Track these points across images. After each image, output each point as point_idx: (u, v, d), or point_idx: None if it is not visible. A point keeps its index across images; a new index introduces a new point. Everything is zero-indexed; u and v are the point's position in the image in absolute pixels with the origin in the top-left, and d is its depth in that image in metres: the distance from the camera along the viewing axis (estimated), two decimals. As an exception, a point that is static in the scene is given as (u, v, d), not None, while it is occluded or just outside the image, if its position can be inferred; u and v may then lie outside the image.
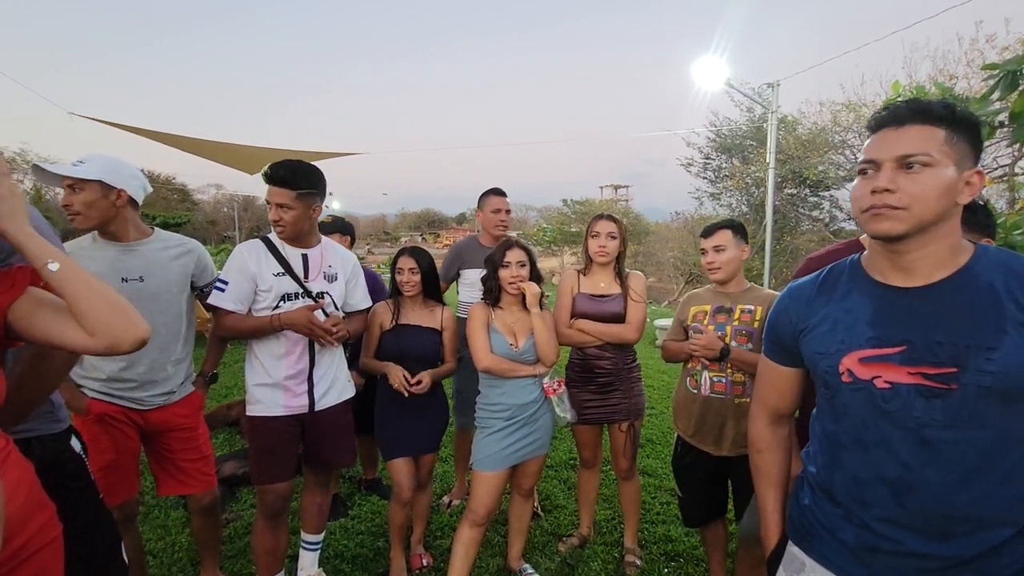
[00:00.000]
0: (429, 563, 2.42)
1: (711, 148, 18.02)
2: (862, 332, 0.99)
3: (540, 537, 2.70)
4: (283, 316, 1.89)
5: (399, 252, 2.38)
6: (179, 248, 1.97)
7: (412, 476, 2.27)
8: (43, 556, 1.03)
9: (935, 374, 0.90)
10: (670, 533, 2.75)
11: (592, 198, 33.01)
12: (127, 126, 7.66)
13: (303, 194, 1.89)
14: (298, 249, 2.00)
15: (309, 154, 9.04)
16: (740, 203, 17.80)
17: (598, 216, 2.45)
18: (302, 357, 1.98)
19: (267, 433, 1.96)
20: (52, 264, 0.99)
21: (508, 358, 2.11)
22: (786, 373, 1.18)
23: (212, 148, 7.70)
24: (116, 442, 1.85)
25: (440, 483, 3.30)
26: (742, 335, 2.01)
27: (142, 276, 1.85)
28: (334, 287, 2.05)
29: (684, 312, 2.18)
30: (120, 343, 1.02)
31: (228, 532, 2.66)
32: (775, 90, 9.20)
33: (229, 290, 1.90)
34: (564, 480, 3.38)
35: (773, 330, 1.18)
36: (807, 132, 14.40)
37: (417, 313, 2.34)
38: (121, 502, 1.89)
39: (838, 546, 1.03)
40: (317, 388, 2.01)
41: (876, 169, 0.95)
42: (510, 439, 2.09)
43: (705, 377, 2.05)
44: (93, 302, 1.00)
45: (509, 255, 2.13)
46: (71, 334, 1.00)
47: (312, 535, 2.23)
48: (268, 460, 1.97)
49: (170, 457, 1.99)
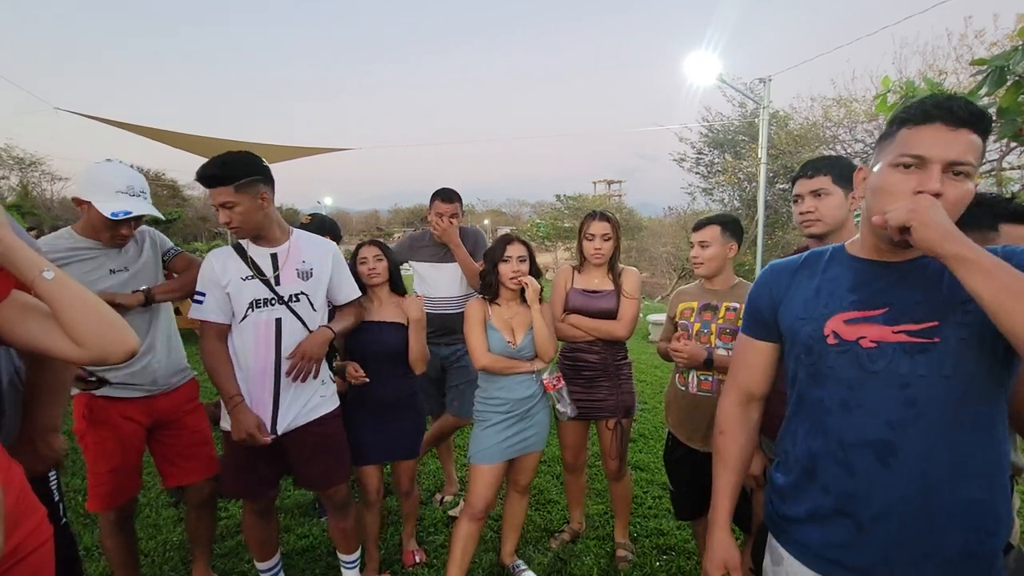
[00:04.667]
0: (422, 559, 2.42)
1: (703, 143, 18.07)
2: (845, 296, 1.02)
3: (533, 533, 2.71)
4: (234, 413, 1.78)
5: (357, 247, 2.30)
6: (140, 235, 2.00)
7: (379, 478, 2.24)
8: (36, 558, 1.03)
9: (918, 330, 0.92)
10: (662, 527, 2.77)
11: (585, 194, 33.00)
12: (114, 121, 7.56)
13: (242, 185, 1.74)
14: (265, 248, 1.88)
15: (299, 150, 8.97)
16: (732, 198, 17.88)
17: (591, 216, 2.41)
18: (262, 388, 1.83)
19: (235, 448, 1.85)
20: (47, 272, 0.98)
21: (506, 355, 2.10)
22: (761, 348, 1.18)
23: (200, 144, 7.63)
24: (123, 442, 1.88)
25: (432, 480, 3.30)
26: (726, 333, 2.01)
27: (126, 266, 1.91)
28: (310, 284, 1.91)
29: (673, 309, 2.19)
30: (109, 355, 1.01)
31: (219, 531, 2.65)
32: (767, 85, 9.22)
33: (207, 301, 1.84)
34: (557, 475, 3.39)
35: (753, 304, 1.19)
36: (799, 127, 14.46)
37: (384, 308, 2.25)
38: (124, 502, 1.93)
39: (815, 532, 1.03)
40: (281, 414, 1.84)
41: (922, 167, 0.90)
42: (507, 432, 2.09)
43: (693, 375, 2.05)
44: (83, 313, 0.99)
45: (510, 250, 2.11)
46: (59, 344, 0.99)
47: (347, 555, 2.17)
48: (234, 475, 1.93)
49: (172, 446, 2.02)
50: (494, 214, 54.00)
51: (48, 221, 16.25)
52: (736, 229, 2.07)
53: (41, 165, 23.95)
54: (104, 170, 1.80)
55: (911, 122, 0.92)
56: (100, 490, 1.86)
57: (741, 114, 15.76)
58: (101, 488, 1.86)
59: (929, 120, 0.90)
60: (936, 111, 0.90)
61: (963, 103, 0.90)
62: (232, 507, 2.83)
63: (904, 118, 0.94)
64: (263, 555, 2.08)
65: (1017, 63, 2.28)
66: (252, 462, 1.89)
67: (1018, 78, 2.32)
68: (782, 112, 14.66)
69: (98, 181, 1.77)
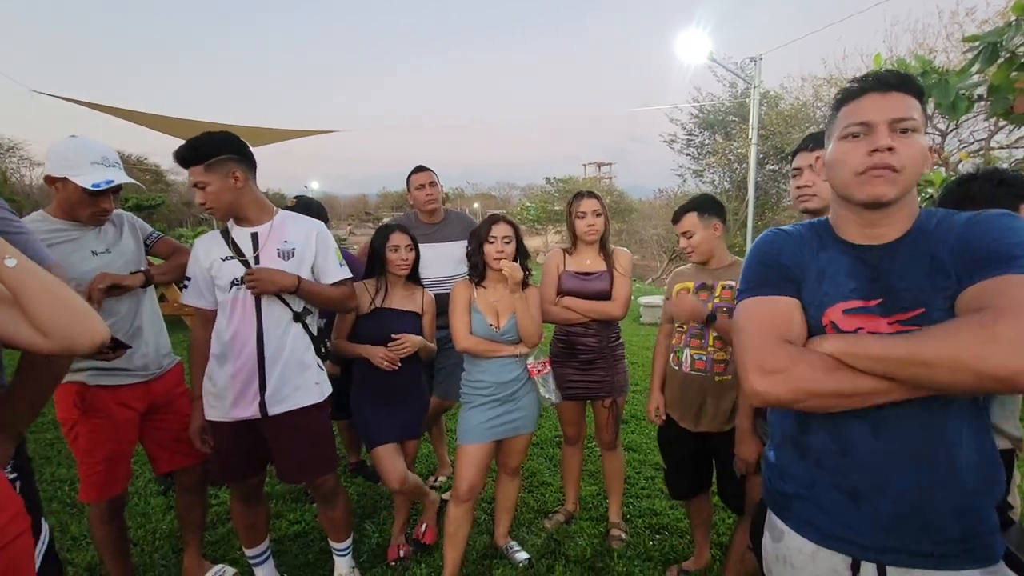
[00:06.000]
0: (407, 554, 2.37)
1: (694, 124, 18.00)
2: (844, 284, 1.00)
3: (526, 514, 2.72)
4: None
5: (386, 228, 2.27)
6: (119, 219, 1.98)
7: (399, 461, 2.21)
8: (15, 548, 1.02)
9: (908, 318, 0.93)
10: (654, 507, 2.80)
11: (575, 176, 32.86)
12: (93, 103, 7.35)
13: (212, 164, 1.72)
14: (246, 228, 1.86)
15: (286, 132, 8.80)
16: (723, 180, 17.89)
17: (579, 195, 2.41)
18: (247, 364, 1.81)
19: (217, 436, 1.88)
20: (9, 260, 0.95)
21: (488, 338, 2.08)
22: (793, 302, 1.03)
23: (183, 126, 7.44)
24: (117, 431, 1.87)
25: (425, 463, 3.30)
26: (723, 312, 2.00)
27: (108, 248, 1.88)
28: (291, 264, 1.86)
29: (670, 290, 2.18)
30: (76, 345, 0.98)
31: (210, 517, 2.63)
32: (757, 65, 9.16)
33: (191, 286, 1.88)
34: (550, 457, 3.41)
35: (776, 263, 1.07)
36: (789, 108, 14.45)
37: (398, 295, 2.26)
38: (118, 493, 1.92)
39: (813, 506, 1.03)
40: (269, 394, 1.82)
41: (869, 132, 0.95)
42: (491, 413, 2.08)
43: (687, 355, 2.05)
44: (48, 302, 0.96)
45: (495, 230, 2.08)
46: (24, 333, 0.96)
47: (337, 543, 2.15)
48: (220, 462, 1.92)
49: (166, 430, 2.01)
50: (484, 197, 53.65)
51: (28, 207, 15.89)
52: (713, 206, 2.05)
53: (19, 150, 23.38)
54: (75, 144, 1.74)
55: (848, 99, 1.00)
56: (93, 480, 1.84)
57: (732, 94, 15.69)
58: (94, 479, 1.84)
59: (862, 93, 0.98)
60: (866, 83, 0.98)
61: (888, 71, 0.98)
62: (223, 494, 2.81)
63: (841, 98, 1.02)
64: (251, 541, 2.06)
65: (1010, 39, 2.26)
66: (237, 447, 1.88)
67: (1010, 54, 2.30)
68: (773, 92, 14.62)
69: (71, 156, 1.71)
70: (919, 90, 0.96)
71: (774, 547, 1.13)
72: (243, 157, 1.79)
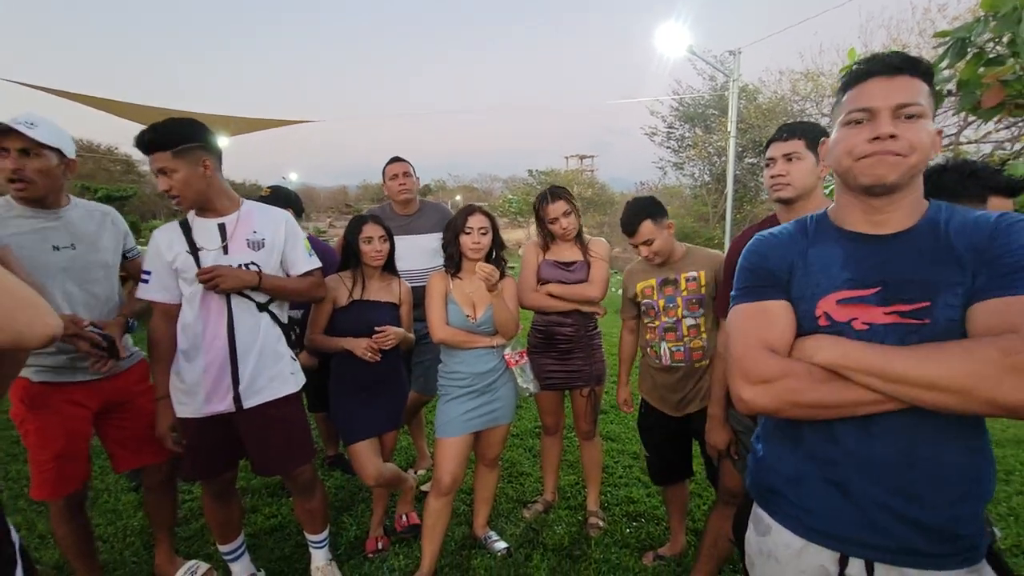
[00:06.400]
0: (385, 546, 2.36)
1: (674, 117, 18.15)
2: (837, 275, 0.98)
3: (505, 504, 2.73)
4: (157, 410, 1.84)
5: (359, 220, 2.23)
6: (99, 213, 1.91)
7: (376, 458, 2.19)
8: None
9: (910, 311, 0.91)
10: (632, 495, 2.83)
11: (557, 168, 32.91)
12: (58, 91, 7.08)
13: (180, 151, 1.66)
14: (212, 219, 1.80)
15: (262, 122, 8.60)
16: (703, 173, 18.10)
17: (544, 198, 2.40)
18: (218, 357, 1.77)
19: (189, 431, 1.83)
20: None
21: (465, 329, 2.07)
22: (785, 305, 1.02)
23: (154, 115, 7.22)
24: (67, 428, 1.79)
25: (404, 456, 3.29)
26: (693, 303, 2.05)
27: (73, 244, 1.79)
28: (261, 255, 1.82)
29: (631, 288, 2.20)
30: (24, 338, 0.90)
31: (183, 513, 2.58)
32: (736, 58, 9.24)
33: (152, 280, 1.79)
34: (529, 448, 3.43)
35: (761, 268, 1.07)
36: (767, 101, 14.62)
37: (375, 287, 2.23)
38: (72, 491, 1.84)
39: (802, 500, 1.01)
40: (243, 386, 1.78)
41: (872, 118, 0.93)
42: (468, 405, 2.08)
43: (664, 348, 2.07)
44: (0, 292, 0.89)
45: (471, 221, 2.06)
46: None
47: (314, 535, 2.12)
48: (191, 458, 1.87)
49: (128, 428, 1.94)
50: (466, 189, 53.36)
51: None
52: (659, 207, 2.05)
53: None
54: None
55: (852, 84, 0.97)
56: (44, 477, 1.77)
57: (711, 87, 15.85)
58: (45, 476, 1.77)
59: (868, 76, 0.95)
60: (871, 66, 0.95)
61: (894, 53, 0.95)
62: (196, 489, 2.76)
63: (846, 82, 0.99)
64: (225, 537, 2.03)
65: (979, 35, 2.31)
66: (207, 443, 1.84)
67: (979, 50, 2.35)
68: (751, 86, 14.78)
69: None
70: (928, 72, 0.93)
71: (759, 541, 1.11)
72: (211, 146, 1.74)
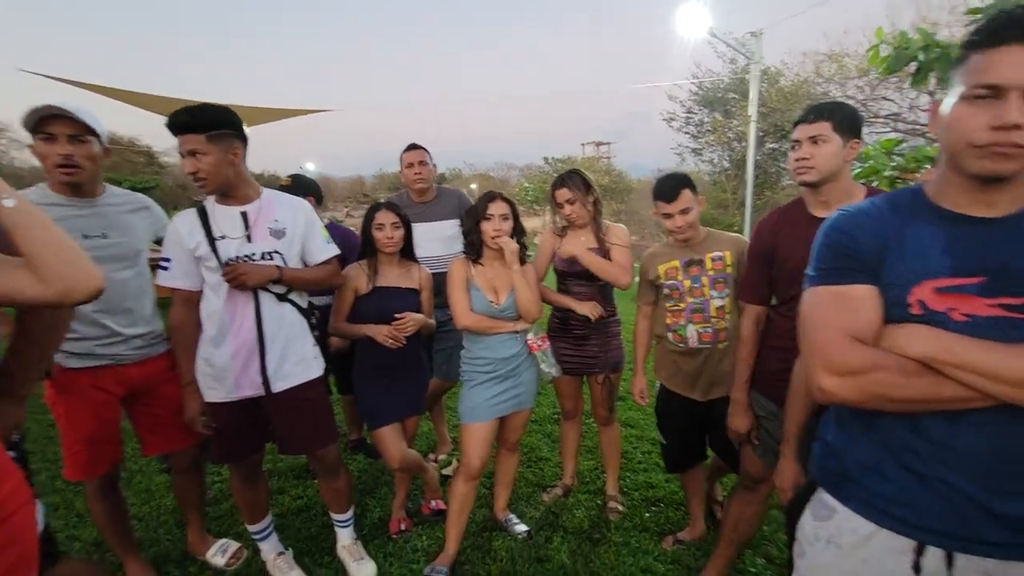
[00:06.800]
0: (408, 527, 2.42)
1: (693, 102, 17.81)
2: (938, 260, 0.88)
3: (525, 488, 2.77)
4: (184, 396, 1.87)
5: (374, 207, 2.26)
6: (135, 203, 1.93)
7: (400, 442, 2.23)
8: (16, 520, 1.02)
9: (1018, 304, 0.83)
10: (651, 480, 2.84)
11: (574, 156, 32.61)
12: (82, 83, 7.22)
13: (214, 136, 1.68)
14: (234, 207, 1.81)
15: (280, 112, 8.67)
16: (722, 159, 17.79)
17: (555, 183, 2.42)
18: (246, 342, 1.80)
19: (218, 416, 1.87)
20: (8, 200, 0.94)
21: (488, 315, 2.08)
22: (873, 290, 0.93)
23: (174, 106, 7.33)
24: (96, 412, 1.83)
25: (425, 441, 3.34)
26: (719, 283, 2.03)
27: (104, 232, 1.80)
28: (283, 243, 1.85)
29: (652, 271, 2.16)
30: (73, 291, 0.96)
31: (213, 493, 2.67)
32: (758, 40, 9.01)
33: (172, 267, 1.80)
34: (548, 434, 3.45)
35: (848, 247, 0.96)
36: (790, 84, 14.27)
37: (394, 273, 2.25)
38: (104, 472, 1.89)
39: (877, 486, 0.94)
40: (271, 371, 1.83)
41: (998, 96, 0.79)
42: (493, 390, 2.10)
43: (691, 330, 2.06)
44: (47, 243, 0.95)
45: (492, 207, 2.07)
46: (20, 283, 0.94)
47: (340, 515, 2.19)
48: (220, 441, 1.91)
49: (156, 414, 1.97)
50: (481, 178, 53.20)
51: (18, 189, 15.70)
52: (693, 182, 2.08)
53: (7, 132, 23.04)
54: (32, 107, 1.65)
55: (980, 45, 0.81)
56: (76, 459, 1.83)
57: (732, 71, 15.48)
58: (77, 457, 1.83)
59: (1000, 41, 0.78)
60: (1007, 30, 0.78)
61: None
62: (224, 471, 2.84)
63: (972, 41, 0.82)
64: (253, 518, 2.09)
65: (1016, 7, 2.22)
66: (236, 427, 1.89)
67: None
68: (773, 68, 14.43)
69: (27, 115, 1.64)
70: None
71: (816, 526, 1.04)
72: (241, 134, 1.77)
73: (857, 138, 1.57)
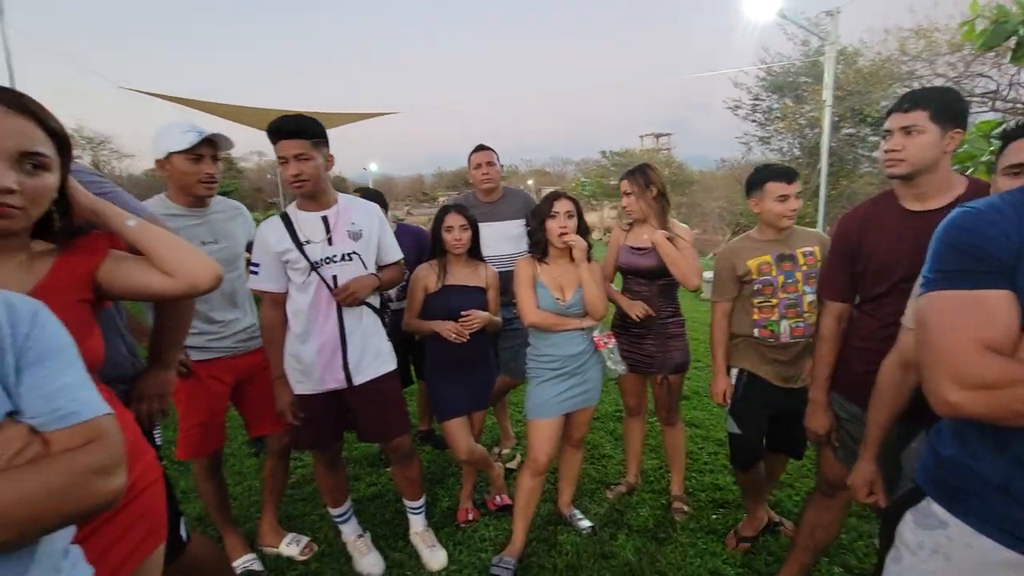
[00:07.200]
0: (475, 518, 2.51)
1: (761, 88, 16.92)
2: None
3: (588, 485, 2.79)
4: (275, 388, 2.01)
5: (443, 210, 2.35)
6: (233, 210, 2.12)
7: (467, 434, 2.33)
8: (149, 495, 1.16)
9: None
10: (718, 482, 2.78)
11: (632, 148, 31.90)
12: (173, 97, 7.90)
13: (317, 142, 1.84)
14: (316, 212, 1.95)
15: (347, 116, 9.08)
16: (792, 147, 16.83)
17: (623, 175, 2.49)
18: (330, 339, 1.95)
19: (305, 407, 2.02)
20: (131, 221, 1.13)
21: (555, 312, 2.12)
22: (1009, 296, 0.85)
23: (251, 114, 7.86)
24: (210, 400, 2.05)
25: (489, 435, 3.42)
26: (812, 278, 2.00)
27: (216, 239, 1.99)
28: (361, 244, 1.98)
29: (740, 266, 2.08)
30: (199, 280, 1.14)
31: (296, 478, 2.88)
32: (834, 19, 8.44)
33: (262, 272, 1.94)
34: (611, 431, 3.45)
35: (977, 248, 0.87)
36: (869, 64, 13.26)
37: (462, 272, 2.33)
38: (211, 452, 2.12)
39: (1003, 506, 0.87)
40: (352, 365, 1.98)
41: None
42: (561, 387, 2.14)
43: (784, 326, 2.04)
44: (168, 247, 1.13)
45: (557, 205, 2.11)
46: (156, 280, 1.12)
47: (412, 502, 2.31)
48: (307, 430, 2.06)
49: (258, 400, 2.17)
50: (538, 174, 53.16)
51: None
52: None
53: (109, 143, 25.46)
54: (167, 125, 1.90)
55: None
56: (189, 441, 2.05)
57: (804, 53, 14.56)
58: (190, 439, 2.05)
59: None
60: None
61: None
62: (306, 458, 3.06)
63: None
64: (335, 502, 2.25)
65: None
66: (322, 417, 2.04)
67: None
68: (851, 48, 13.45)
69: (166, 134, 1.87)
70: None
71: (923, 534, 0.99)
72: (328, 144, 1.94)
73: (959, 127, 1.45)
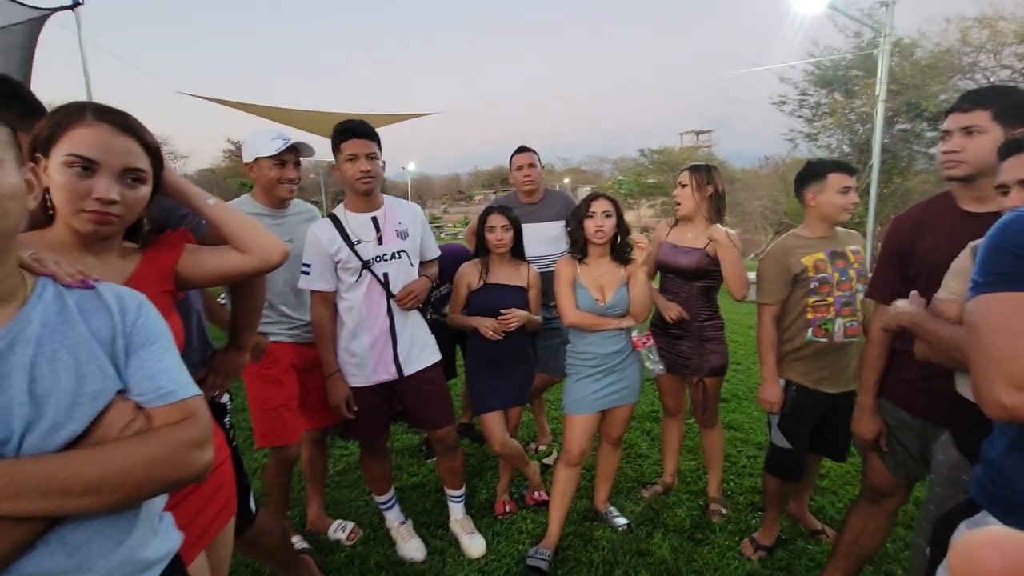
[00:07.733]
0: (512, 510, 2.58)
1: (808, 82, 16.30)
2: None
3: (624, 484, 2.81)
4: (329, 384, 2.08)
5: (487, 211, 2.41)
6: (307, 213, 2.25)
7: (502, 427, 2.39)
8: (222, 471, 1.29)
9: None
10: (756, 485, 2.75)
11: (671, 146, 31.29)
12: (227, 101, 8.29)
13: (379, 144, 2.01)
14: (366, 213, 2.05)
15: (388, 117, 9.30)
16: (841, 143, 16.15)
17: (685, 168, 2.47)
18: (381, 333, 2.06)
19: (359, 399, 2.10)
20: (210, 199, 1.26)
21: (594, 313, 2.15)
22: None
23: (298, 116, 8.17)
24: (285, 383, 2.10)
25: (526, 430, 3.48)
26: (863, 277, 2.01)
27: (291, 239, 2.05)
28: (408, 243, 2.11)
29: (796, 264, 2.03)
30: (269, 255, 1.26)
31: (343, 466, 3.02)
32: (889, 9, 8.06)
33: (313, 271, 2.02)
34: (647, 431, 3.45)
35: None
36: (927, 56, 12.60)
37: (504, 271, 2.39)
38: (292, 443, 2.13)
39: None
40: (402, 358, 2.10)
41: None
42: (598, 384, 2.18)
43: (839, 324, 2.03)
44: (242, 225, 1.25)
45: (594, 205, 2.15)
46: (231, 258, 1.24)
47: (454, 491, 2.40)
48: (360, 421, 2.14)
49: (314, 393, 2.21)
50: (574, 173, 52.89)
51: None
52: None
53: (166, 145, 26.90)
54: (256, 131, 2.05)
55: None
56: (269, 428, 2.08)
57: (856, 45, 13.93)
58: (271, 425, 2.08)
59: None
60: None
61: None
62: (352, 447, 3.20)
63: None
64: (380, 489, 2.36)
65: None
66: (374, 407, 2.15)
67: None
68: (907, 39, 12.81)
69: (254, 140, 2.02)
70: None
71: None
72: None
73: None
